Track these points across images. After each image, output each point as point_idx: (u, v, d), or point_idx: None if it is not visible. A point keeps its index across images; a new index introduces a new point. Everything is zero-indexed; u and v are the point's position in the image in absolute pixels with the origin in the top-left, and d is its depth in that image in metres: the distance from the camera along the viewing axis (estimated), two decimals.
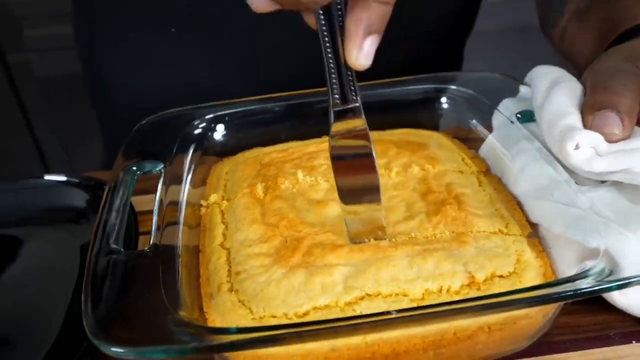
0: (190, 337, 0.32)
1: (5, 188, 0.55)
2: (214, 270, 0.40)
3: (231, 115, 0.54)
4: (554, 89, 0.46)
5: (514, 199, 0.45)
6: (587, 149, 0.40)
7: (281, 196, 0.46)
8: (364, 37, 0.33)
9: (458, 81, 0.55)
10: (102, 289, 0.35)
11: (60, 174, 0.53)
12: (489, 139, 0.50)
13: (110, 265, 0.36)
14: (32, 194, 0.53)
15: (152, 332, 0.33)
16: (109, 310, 0.34)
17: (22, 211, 0.53)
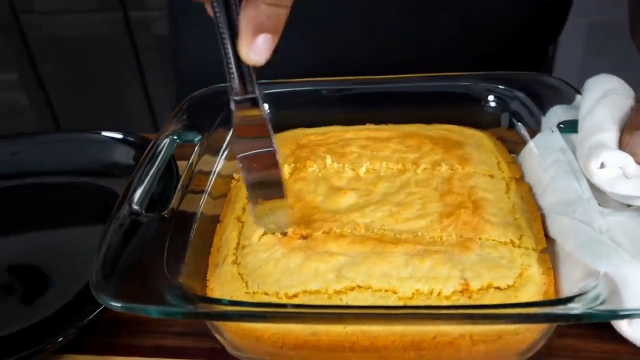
0: (179, 301, 0.34)
1: (64, 140, 0.61)
2: (225, 242, 0.43)
3: (278, 94, 0.55)
4: (600, 101, 0.43)
5: (538, 211, 0.43)
6: (614, 169, 0.38)
7: (305, 178, 0.47)
8: (254, 35, 0.33)
9: (510, 81, 0.53)
10: (114, 246, 0.38)
11: (119, 132, 0.59)
12: (529, 145, 0.48)
13: (125, 226, 0.40)
14: (89, 148, 0.59)
15: (147, 292, 0.35)
16: (114, 267, 0.37)
17: (77, 163, 0.58)
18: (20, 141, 0.61)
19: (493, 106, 0.53)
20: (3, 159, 0.60)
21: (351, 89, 0.56)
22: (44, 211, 0.56)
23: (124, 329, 0.44)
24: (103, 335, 0.44)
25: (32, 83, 1.58)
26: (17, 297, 0.47)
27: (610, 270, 0.34)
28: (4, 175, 0.59)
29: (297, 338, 0.37)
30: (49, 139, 0.61)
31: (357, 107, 0.56)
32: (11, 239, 0.53)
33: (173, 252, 0.39)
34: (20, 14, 1.49)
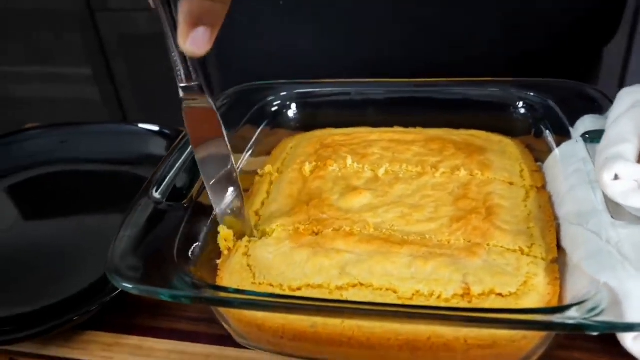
0: (185, 286, 0.36)
1: (107, 131, 0.65)
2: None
3: (309, 94, 0.57)
4: (628, 111, 0.41)
5: (554, 221, 0.42)
6: (629, 182, 0.37)
7: (324, 177, 0.48)
8: (191, 27, 0.35)
9: (542, 89, 0.52)
10: (131, 232, 0.40)
11: (155, 124, 0.63)
12: (553, 153, 0.47)
13: (145, 213, 0.42)
14: (128, 139, 0.63)
15: (158, 276, 0.37)
16: (129, 251, 0.39)
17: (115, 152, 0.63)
18: (69, 130, 0.66)
19: (523, 113, 0.52)
20: (53, 146, 0.65)
21: (381, 91, 0.56)
22: (83, 196, 0.60)
23: (143, 311, 0.47)
24: (123, 315, 0.47)
25: (104, 78, 1.67)
26: (51, 275, 0.50)
27: (613, 283, 0.33)
28: (52, 160, 0.64)
29: (296, 329, 0.38)
30: (94, 130, 0.66)
31: (387, 109, 0.57)
32: (51, 220, 0.58)
33: (187, 240, 0.41)
34: (96, 12, 1.57)
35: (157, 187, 0.44)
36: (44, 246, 0.53)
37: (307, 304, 0.35)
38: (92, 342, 0.45)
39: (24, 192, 0.62)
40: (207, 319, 0.46)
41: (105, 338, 0.45)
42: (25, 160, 0.64)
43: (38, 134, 0.66)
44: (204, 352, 0.44)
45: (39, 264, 0.51)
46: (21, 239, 0.55)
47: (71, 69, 1.67)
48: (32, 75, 1.71)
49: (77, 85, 1.70)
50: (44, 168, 0.63)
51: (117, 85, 1.68)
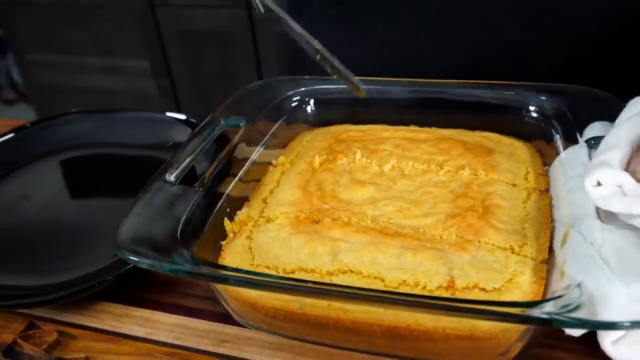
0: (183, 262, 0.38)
1: (138, 118, 0.70)
2: (246, 218, 0.47)
3: (327, 90, 0.59)
4: (629, 119, 0.41)
5: (551, 223, 0.42)
6: (611, 187, 0.37)
7: (332, 170, 0.50)
8: None
9: (554, 93, 0.52)
10: (143, 210, 0.43)
11: (182, 113, 0.67)
12: (558, 158, 0.47)
13: (157, 194, 0.44)
14: (156, 126, 0.67)
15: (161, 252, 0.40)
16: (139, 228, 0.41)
17: (144, 138, 0.67)
18: (105, 116, 0.71)
19: (535, 117, 0.53)
20: (90, 130, 0.70)
21: (399, 91, 0.57)
22: (113, 178, 0.64)
23: (154, 286, 0.50)
24: (135, 289, 0.50)
25: (161, 72, 1.74)
26: (77, 249, 0.54)
27: (590, 283, 0.33)
28: (89, 144, 0.69)
29: (286, 310, 0.40)
30: (127, 116, 0.70)
31: (404, 108, 0.58)
32: (82, 199, 0.63)
33: (194, 221, 0.44)
34: (156, 7, 1.65)
35: (171, 171, 0.47)
36: (74, 222, 0.58)
37: (295, 284, 0.37)
38: (104, 311, 0.49)
39: (60, 172, 0.66)
40: (212, 297, 0.48)
41: (117, 309, 0.49)
42: (62, 143, 0.69)
43: (75, 119, 0.71)
44: (206, 328, 0.46)
45: (69, 238, 0.56)
46: (55, 214, 0.59)
47: (130, 61, 1.76)
48: (91, 66, 1.81)
49: (135, 78, 1.79)
50: (78, 150, 0.69)
51: (173, 79, 1.75)
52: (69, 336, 0.47)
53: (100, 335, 0.47)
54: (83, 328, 0.48)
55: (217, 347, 0.45)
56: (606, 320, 0.31)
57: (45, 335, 0.47)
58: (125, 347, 0.46)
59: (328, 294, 0.36)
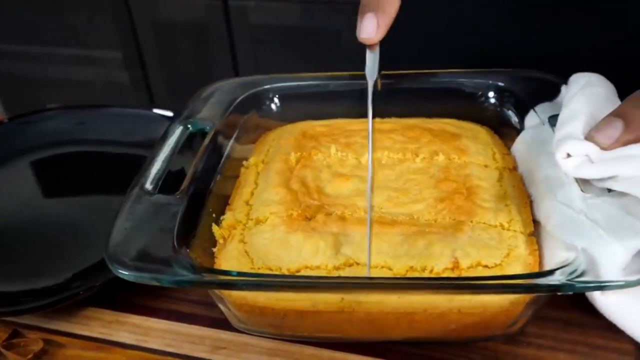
0: (186, 271, 0.37)
1: (123, 114, 0.68)
2: (233, 223, 0.46)
3: (289, 87, 0.58)
4: (578, 93, 0.46)
5: (528, 198, 0.46)
6: (579, 157, 0.41)
7: (310, 166, 0.50)
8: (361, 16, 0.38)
9: (510, 79, 0.55)
10: (127, 222, 0.41)
11: (170, 110, 0.65)
12: (520, 138, 0.51)
13: (139, 204, 0.43)
14: (143, 123, 0.65)
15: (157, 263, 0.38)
16: (127, 238, 0.40)
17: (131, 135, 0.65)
18: (86, 112, 0.69)
19: (490, 102, 0.56)
20: (70, 127, 0.67)
21: (358, 84, 0.58)
22: (97, 176, 0.62)
23: (145, 291, 0.48)
24: (125, 294, 0.48)
25: (135, 63, 1.67)
26: (61, 251, 0.52)
27: (587, 246, 0.36)
28: (69, 141, 0.66)
29: (298, 310, 0.40)
30: (111, 112, 0.68)
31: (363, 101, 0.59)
32: (65, 198, 0.61)
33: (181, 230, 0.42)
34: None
35: (148, 180, 0.45)
36: (57, 223, 0.56)
37: (315, 282, 0.37)
38: (93, 318, 0.47)
39: (41, 170, 0.64)
40: (205, 302, 0.47)
41: (106, 315, 0.47)
42: (42, 140, 0.66)
43: (56, 114, 0.68)
44: (199, 334, 0.45)
45: (51, 240, 0.54)
46: (36, 214, 0.57)
47: (102, 52, 1.68)
48: (62, 57, 1.71)
49: (107, 69, 1.70)
50: (60, 148, 0.66)
51: (147, 71, 1.68)
52: (56, 344, 0.45)
53: (89, 343, 0.45)
54: (71, 336, 0.46)
55: (213, 353, 0.44)
56: (613, 281, 0.34)
57: (31, 344, 0.45)
58: (115, 355, 0.44)
59: (349, 288, 0.37)
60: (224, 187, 0.50)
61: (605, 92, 0.46)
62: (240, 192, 0.49)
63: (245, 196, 0.48)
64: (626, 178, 0.40)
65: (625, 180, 0.40)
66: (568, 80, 0.51)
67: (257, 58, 1.58)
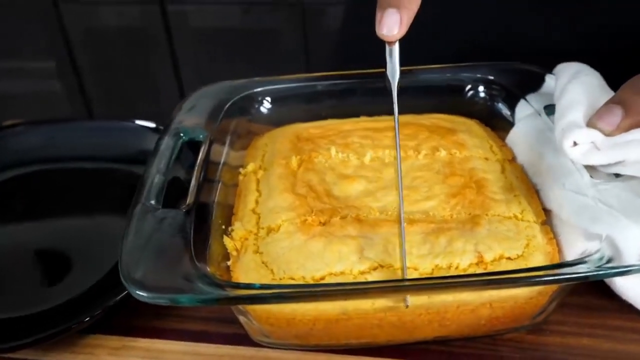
0: (212, 289, 0.36)
1: (99, 127, 0.64)
2: (244, 234, 0.44)
3: (276, 90, 0.57)
4: (570, 82, 0.47)
5: (533, 188, 0.47)
6: (585, 145, 0.42)
7: (313, 169, 0.49)
8: (381, 12, 0.36)
9: (496, 72, 0.56)
10: (136, 241, 0.39)
11: (151, 121, 0.62)
12: (515, 129, 0.52)
13: (145, 221, 0.40)
14: (122, 136, 0.62)
15: (177, 282, 0.36)
16: (140, 259, 0.38)
17: (110, 149, 0.61)
18: (56, 127, 0.64)
19: (479, 95, 0.57)
20: (40, 143, 0.62)
21: (344, 83, 0.58)
22: (77, 195, 0.59)
23: (150, 311, 0.46)
24: (129, 317, 0.46)
25: (68, 72, 1.58)
26: (46, 278, 0.49)
27: (609, 232, 0.37)
28: (39, 159, 0.62)
29: (328, 318, 0.39)
30: (85, 126, 0.65)
31: (348, 100, 0.59)
32: (43, 221, 0.56)
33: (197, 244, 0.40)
34: (61, 3, 1.48)
35: (150, 195, 0.43)
36: (39, 249, 0.52)
37: (341, 289, 0.36)
38: (97, 346, 0.44)
39: (11, 192, 0.59)
40: (218, 318, 0.45)
41: (111, 341, 0.44)
42: (9, 159, 0.61)
43: (22, 130, 0.64)
44: (217, 353, 0.43)
45: (32, 268, 0.51)
46: (12, 241, 0.53)
47: (34, 62, 1.59)
48: None
49: (40, 80, 1.61)
50: (30, 167, 0.61)
51: (81, 79, 1.60)
52: None
53: None
54: None
55: None
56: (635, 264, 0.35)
57: None
58: None
59: (373, 292, 0.36)
60: (227, 197, 0.48)
61: (598, 80, 0.48)
62: (244, 201, 0.48)
63: (251, 205, 0.47)
64: (633, 162, 0.41)
65: (633, 164, 0.41)
66: (554, 70, 0.53)
67: (199, 62, 1.55)
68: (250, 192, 0.48)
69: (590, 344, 0.42)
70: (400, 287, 0.36)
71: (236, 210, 0.47)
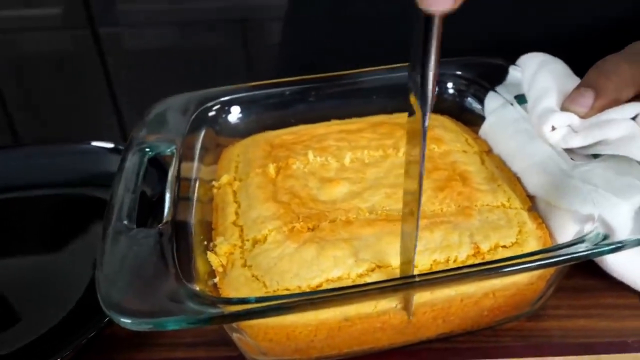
0: (205, 307, 0.33)
1: (54, 151, 0.59)
2: (230, 248, 0.42)
3: (242, 98, 0.55)
4: (538, 71, 0.48)
5: (514, 176, 0.47)
6: (563, 128, 0.43)
7: (293, 175, 0.47)
8: None
9: (462, 66, 0.56)
10: (114, 264, 0.36)
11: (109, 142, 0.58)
12: (487, 121, 0.52)
13: (121, 242, 0.38)
14: (79, 159, 0.58)
15: (165, 303, 0.34)
16: (120, 284, 0.35)
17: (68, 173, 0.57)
18: (3, 153, 0.59)
19: (448, 92, 0.56)
20: None
21: (311, 87, 0.57)
22: (31, 225, 0.54)
23: (130, 342, 0.43)
24: (107, 352, 0.42)
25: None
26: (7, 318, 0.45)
27: (600, 211, 0.37)
28: None
29: (330, 327, 0.37)
30: (35, 151, 0.60)
31: (318, 105, 0.57)
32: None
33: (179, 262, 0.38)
34: None
35: (123, 215, 0.40)
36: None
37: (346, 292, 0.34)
38: None
39: None
40: (206, 342, 0.43)
41: None
42: None
43: None
44: None
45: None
46: None
47: None
48: None
49: None
50: None
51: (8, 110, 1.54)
52: None
53: None
54: None
55: None
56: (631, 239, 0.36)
57: None
58: None
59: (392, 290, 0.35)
60: (203, 212, 0.46)
61: (564, 68, 0.49)
62: (223, 215, 0.45)
63: (231, 217, 0.45)
64: (611, 141, 0.42)
65: (611, 143, 0.42)
66: (517, 61, 0.53)
67: (136, 84, 1.49)
68: (228, 204, 0.46)
69: (586, 324, 0.42)
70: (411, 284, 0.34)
71: (215, 224, 0.45)
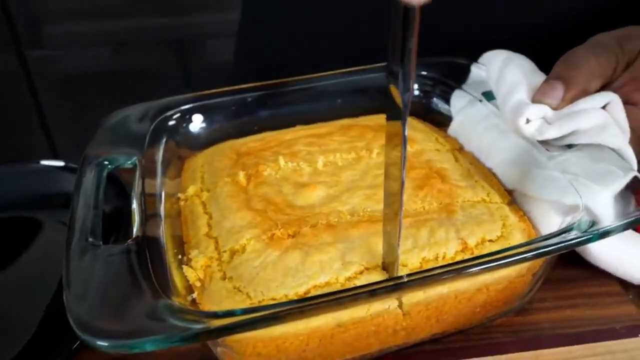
0: (188, 323, 0.31)
1: None
2: (204, 261, 0.39)
3: (202, 107, 0.53)
4: (505, 67, 0.48)
5: (490, 172, 0.46)
6: (537, 121, 0.43)
7: (265, 182, 0.45)
8: None
9: (426, 66, 0.56)
10: (84, 284, 0.33)
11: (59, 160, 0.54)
12: (456, 119, 0.52)
13: (89, 260, 0.35)
14: (28, 178, 0.54)
15: (144, 321, 0.31)
16: (93, 305, 0.32)
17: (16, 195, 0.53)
18: None
19: (415, 93, 0.56)
20: None
21: (274, 93, 0.55)
22: None
23: None
24: None
25: None
26: None
27: (584, 199, 0.37)
28: None
29: (323, 335, 0.35)
30: None
31: (282, 110, 0.56)
32: None
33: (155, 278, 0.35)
34: None
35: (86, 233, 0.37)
36: None
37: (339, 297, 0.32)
38: None
39: None
40: None
41: None
42: None
43: None
44: None
45: None
46: None
47: None
48: None
49: None
50: None
51: None
52: None
53: None
54: None
55: None
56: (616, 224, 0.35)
57: None
58: None
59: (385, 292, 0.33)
60: (173, 226, 0.43)
61: (529, 64, 0.49)
62: (194, 227, 0.43)
63: (203, 229, 0.42)
64: (585, 130, 0.42)
65: (585, 132, 0.42)
66: (480, 59, 0.54)
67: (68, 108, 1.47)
68: (198, 216, 0.44)
69: (573, 314, 0.42)
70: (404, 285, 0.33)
71: (187, 237, 0.42)
